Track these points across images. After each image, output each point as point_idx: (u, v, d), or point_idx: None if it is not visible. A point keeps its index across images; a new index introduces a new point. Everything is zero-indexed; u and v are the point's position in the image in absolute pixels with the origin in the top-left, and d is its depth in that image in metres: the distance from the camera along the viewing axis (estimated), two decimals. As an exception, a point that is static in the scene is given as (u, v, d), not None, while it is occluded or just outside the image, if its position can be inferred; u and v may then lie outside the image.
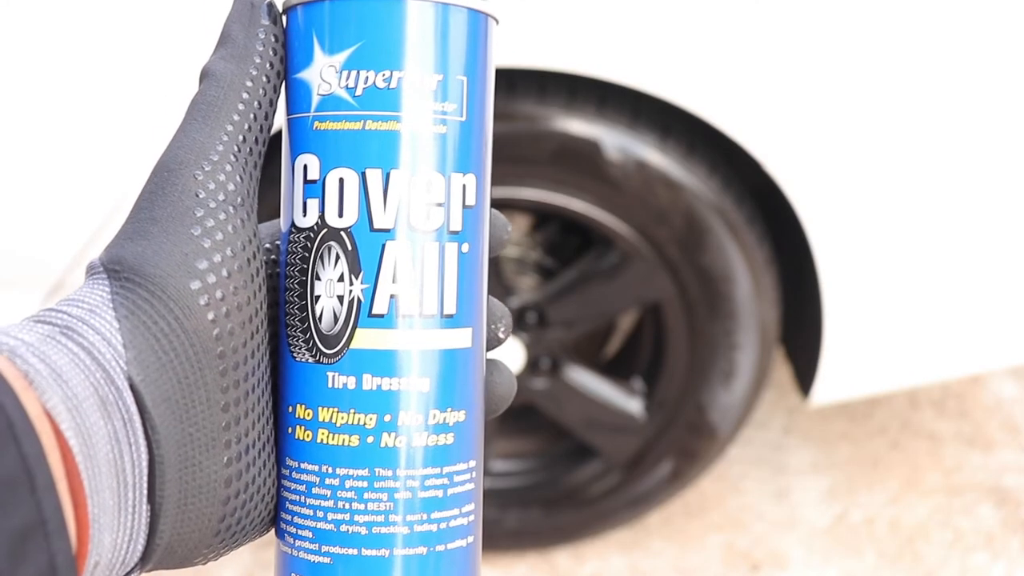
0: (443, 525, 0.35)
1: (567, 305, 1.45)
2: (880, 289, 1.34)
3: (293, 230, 0.35)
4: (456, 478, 0.36)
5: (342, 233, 0.34)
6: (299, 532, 0.35)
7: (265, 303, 0.35)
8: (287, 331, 0.36)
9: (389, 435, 0.34)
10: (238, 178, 0.34)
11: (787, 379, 2.05)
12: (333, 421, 0.34)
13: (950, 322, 1.38)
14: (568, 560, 1.68)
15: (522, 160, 1.28)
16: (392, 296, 0.34)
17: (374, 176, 0.34)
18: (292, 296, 0.35)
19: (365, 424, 0.34)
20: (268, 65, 0.35)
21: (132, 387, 0.31)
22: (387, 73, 0.34)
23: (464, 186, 0.35)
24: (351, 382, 0.34)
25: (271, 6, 0.36)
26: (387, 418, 0.34)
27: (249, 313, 0.33)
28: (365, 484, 0.34)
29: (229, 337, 0.32)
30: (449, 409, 0.35)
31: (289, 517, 0.36)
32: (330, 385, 0.34)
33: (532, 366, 1.49)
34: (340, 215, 0.34)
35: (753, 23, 1.17)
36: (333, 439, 0.34)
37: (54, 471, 0.28)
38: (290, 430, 0.35)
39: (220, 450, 0.33)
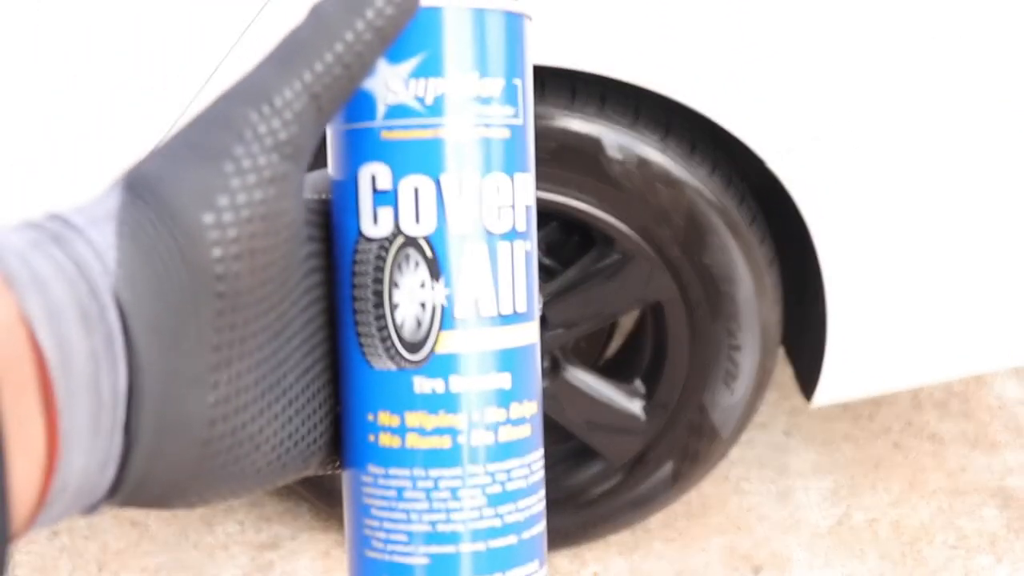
0: (528, 513, 0.37)
1: (567, 305, 1.43)
2: (884, 288, 1.33)
3: (362, 239, 0.36)
4: (534, 466, 0.38)
5: (420, 240, 0.35)
6: (391, 536, 0.36)
7: (298, 262, 0.34)
8: (362, 340, 0.36)
9: (479, 433, 0.36)
10: (296, 129, 0.32)
11: (789, 380, 2.04)
12: (423, 426, 0.35)
13: (954, 322, 1.37)
14: (568, 562, 1.67)
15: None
16: (473, 299, 0.36)
17: (449, 182, 0.35)
18: (366, 306, 0.36)
19: (456, 425, 0.35)
20: (379, 25, 0.33)
21: (119, 306, 0.29)
22: (456, 81, 0.35)
23: (525, 186, 0.37)
24: (439, 386, 0.35)
25: None
26: (476, 417, 0.36)
27: (265, 262, 0.31)
28: (459, 483, 0.35)
29: (234, 279, 0.31)
30: (525, 401, 0.37)
31: (377, 523, 0.36)
32: (417, 390, 0.35)
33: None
34: (417, 222, 0.35)
35: (758, 19, 1.16)
36: (424, 443, 0.35)
37: (25, 380, 0.26)
38: (372, 437, 0.36)
39: (206, 390, 0.31)
